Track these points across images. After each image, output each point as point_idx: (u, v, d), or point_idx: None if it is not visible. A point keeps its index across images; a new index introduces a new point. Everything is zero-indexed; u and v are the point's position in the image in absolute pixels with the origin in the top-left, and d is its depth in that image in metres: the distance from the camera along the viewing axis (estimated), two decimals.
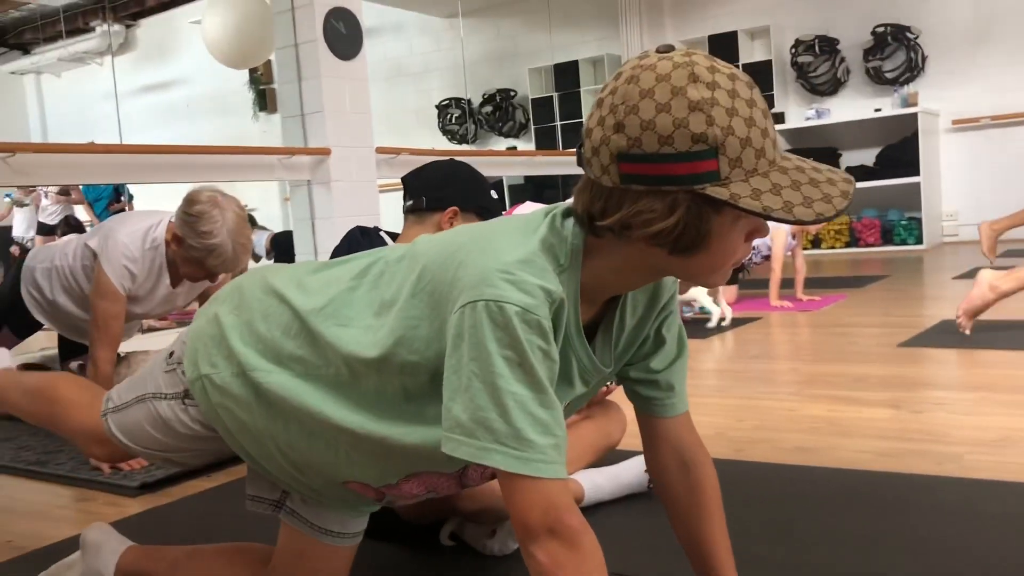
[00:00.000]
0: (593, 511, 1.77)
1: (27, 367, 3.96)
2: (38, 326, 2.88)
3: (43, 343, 4.51)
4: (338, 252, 1.83)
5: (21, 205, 9.19)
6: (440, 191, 1.83)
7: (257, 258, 8.48)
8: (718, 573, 1.17)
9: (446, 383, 0.98)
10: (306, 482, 1.28)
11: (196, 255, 2.42)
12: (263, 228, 8.98)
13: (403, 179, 1.87)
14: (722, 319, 4.16)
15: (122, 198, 8.30)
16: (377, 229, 1.94)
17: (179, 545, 1.52)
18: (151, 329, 5.15)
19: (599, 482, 1.81)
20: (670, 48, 0.95)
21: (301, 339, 1.17)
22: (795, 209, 0.90)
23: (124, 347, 2.79)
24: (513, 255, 0.98)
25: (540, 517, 0.94)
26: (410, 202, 1.84)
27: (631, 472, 1.85)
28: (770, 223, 0.94)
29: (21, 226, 9.32)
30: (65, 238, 2.83)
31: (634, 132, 0.90)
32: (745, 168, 0.90)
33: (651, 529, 1.68)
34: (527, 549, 0.95)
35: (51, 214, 8.78)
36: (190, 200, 2.43)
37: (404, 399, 1.10)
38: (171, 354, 1.34)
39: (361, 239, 1.87)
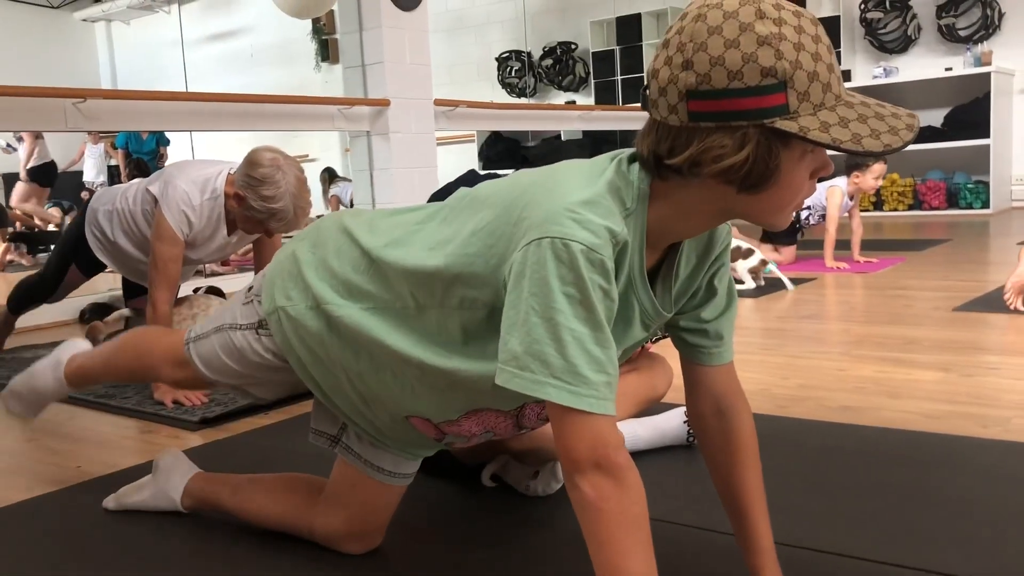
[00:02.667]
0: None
1: (96, 306, 4.13)
2: (103, 266, 3.00)
3: (110, 283, 4.67)
4: (448, 188, 1.93)
5: (9, 150, 8.99)
6: None
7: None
8: (750, 520, 1.19)
9: (505, 317, 1.00)
10: (370, 417, 1.34)
11: (258, 216, 2.48)
12: (347, 180, 9.07)
13: (532, 151, 2.02)
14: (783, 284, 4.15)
15: (161, 148, 8.25)
16: (496, 174, 2.05)
17: (240, 473, 1.61)
18: (214, 274, 5.30)
19: (639, 432, 1.85)
20: None
21: (369, 274, 1.24)
22: (864, 140, 0.91)
23: (182, 290, 2.89)
24: (580, 195, 0.99)
25: (588, 451, 0.96)
26: None
27: (671, 424, 1.88)
28: (822, 182, 0.95)
29: (91, 171, 9.54)
30: (130, 182, 2.91)
31: (703, 68, 0.91)
32: (813, 102, 0.92)
33: (687, 478, 1.72)
34: (572, 481, 0.98)
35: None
36: (253, 162, 2.47)
37: (464, 338, 1.15)
38: (251, 288, 1.43)
39: (479, 179, 1.98)
